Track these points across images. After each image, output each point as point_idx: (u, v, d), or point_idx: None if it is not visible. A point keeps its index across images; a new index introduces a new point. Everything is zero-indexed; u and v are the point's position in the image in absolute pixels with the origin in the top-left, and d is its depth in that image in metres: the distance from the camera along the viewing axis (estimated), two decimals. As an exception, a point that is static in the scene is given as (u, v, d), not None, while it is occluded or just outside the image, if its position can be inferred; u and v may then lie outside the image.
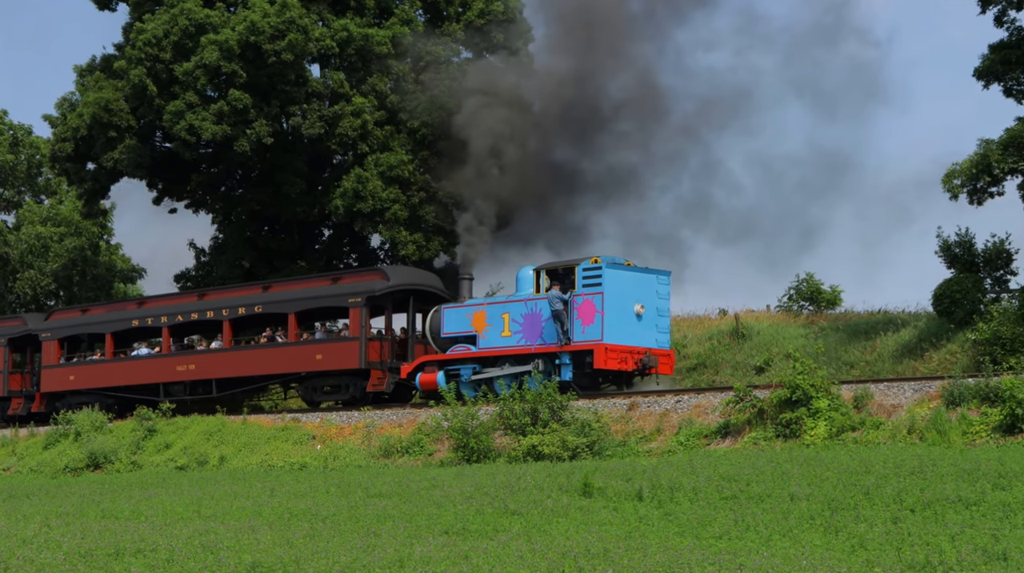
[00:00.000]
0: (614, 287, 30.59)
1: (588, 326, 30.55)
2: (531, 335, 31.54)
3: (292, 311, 37.19)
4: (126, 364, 41.56)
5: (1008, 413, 23.22)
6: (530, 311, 31.68)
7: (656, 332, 31.36)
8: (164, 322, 40.43)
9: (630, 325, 30.84)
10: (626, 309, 30.80)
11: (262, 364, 37.74)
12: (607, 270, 30.57)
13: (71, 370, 42.87)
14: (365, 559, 15.21)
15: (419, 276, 36.78)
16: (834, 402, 25.36)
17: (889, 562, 14.24)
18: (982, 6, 31.12)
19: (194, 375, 39.09)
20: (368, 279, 35.91)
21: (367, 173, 45.13)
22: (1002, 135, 30.13)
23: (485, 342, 32.42)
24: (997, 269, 32.91)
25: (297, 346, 36.87)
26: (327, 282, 37.25)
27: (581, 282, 30.78)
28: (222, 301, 39.33)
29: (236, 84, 43.97)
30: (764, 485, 19.33)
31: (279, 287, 38.65)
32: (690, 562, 14.33)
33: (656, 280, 31.46)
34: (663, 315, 31.61)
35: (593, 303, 30.49)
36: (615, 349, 30.42)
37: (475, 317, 32.80)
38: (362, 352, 34.92)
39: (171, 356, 40.13)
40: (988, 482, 18.17)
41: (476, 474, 24.04)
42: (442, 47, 46.79)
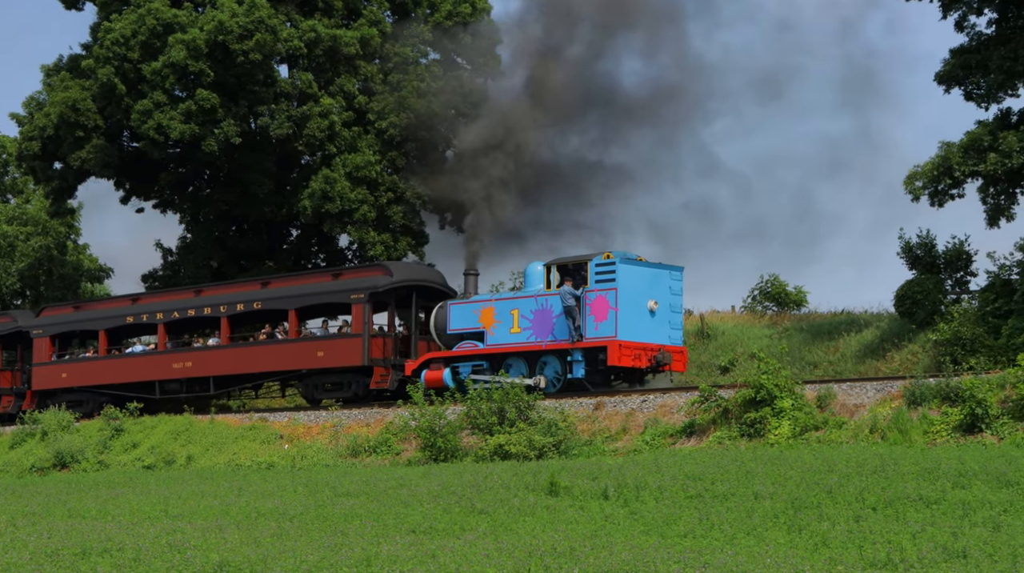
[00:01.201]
0: (628, 283, 30.06)
1: (601, 322, 29.98)
2: (541, 332, 31.00)
3: (292, 307, 36.55)
4: (120, 361, 40.80)
5: (968, 413, 23.47)
6: (540, 307, 31.15)
7: (669, 328, 30.82)
8: (160, 319, 39.61)
9: (644, 321, 30.28)
10: (639, 305, 30.28)
11: (262, 361, 37.05)
12: (621, 265, 30.02)
13: (63, 367, 41.97)
14: (332, 558, 15.23)
15: (422, 272, 36.16)
16: (798, 402, 25.55)
17: (851, 560, 14.39)
18: (943, 12, 31.49)
19: (191, 373, 38.36)
20: (371, 275, 35.28)
21: (335, 174, 45.15)
22: (962, 138, 30.48)
23: (493, 339, 31.89)
24: (957, 270, 33.31)
25: (298, 343, 36.24)
26: (328, 278, 36.60)
27: (594, 278, 30.21)
28: (220, 297, 38.60)
29: (204, 84, 43.88)
30: (729, 484, 19.46)
31: (278, 283, 38.05)
32: (655, 560, 14.42)
33: (669, 275, 30.95)
34: (676, 311, 31.09)
35: (606, 299, 29.94)
36: (629, 346, 29.90)
37: (483, 313, 32.25)
38: (365, 349, 34.25)
39: (167, 353, 39.38)
40: (948, 481, 18.38)
41: (443, 473, 24.09)
42: (410, 48, 46.90)
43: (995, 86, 30.59)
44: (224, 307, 38.14)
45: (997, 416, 23.31)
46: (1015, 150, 29.06)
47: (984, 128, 30.37)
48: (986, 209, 30.76)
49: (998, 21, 31.18)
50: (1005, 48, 30.23)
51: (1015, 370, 23.66)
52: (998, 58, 30.21)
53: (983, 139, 29.91)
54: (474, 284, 33.98)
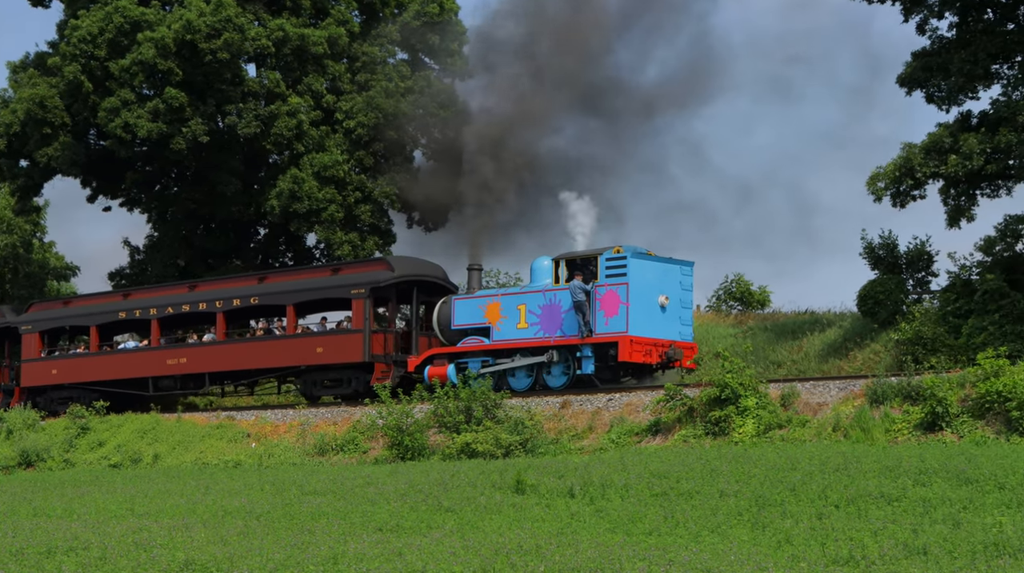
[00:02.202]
0: (639, 277, 29.56)
1: (612, 318, 29.45)
2: (550, 327, 30.43)
3: (290, 303, 35.87)
4: (112, 357, 39.99)
5: (929, 411, 23.75)
6: (548, 302, 30.57)
7: (680, 324, 30.35)
8: (153, 314, 38.81)
9: (654, 317, 29.77)
10: (650, 300, 29.76)
11: (259, 357, 36.32)
12: (632, 260, 29.51)
13: (53, 364, 41.19)
14: (299, 556, 15.24)
15: (424, 267, 35.28)
16: (762, 400, 25.75)
17: (814, 557, 14.52)
18: (905, 15, 31.78)
19: (185, 369, 37.58)
20: (372, 270, 34.68)
21: (303, 173, 45.17)
22: (924, 140, 30.78)
23: (500, 334, 31.31)
24: (919, 271, 33.61)
25: (297, 339, 35.57)
26: (327, 273, 36.11)
27: (604, 272, 29.68)
28: (215, 292, 37.92)
29: (172, 82, 43.81)
30: (693, 482, 19.58)
31: (276, 278, 37.42)
32: (621, 558, 14.51)
33: (679, 270, 30.46)
34: (686, 307, 30.63)
35: (617, 294, 29.41)
36: (640, 341, 29.34)
37: (489, 308, 31.66)
38: (366, 345, 33.59)
39: (161, 349, 38.59)
40: (909, 478, 18.55)
41: (410, 472, 24.12)
42: (378, 48, 46.98)
43: (956, 89, 30.86)
44: (220, 302, 37.30)
45: (957, 414, 23.60)
46: (975, 152, 29.35)
47: (945, 130, 30.64)
48: (947, 210, 31.00)
49: (958, 25, 31.47)
50: (965, 51, 30.54)
51: (975, 369, 23.97)
52: (959, 61, 30.49)
53: (944, 141, 30.18)
54: (478, 279, 33.53)
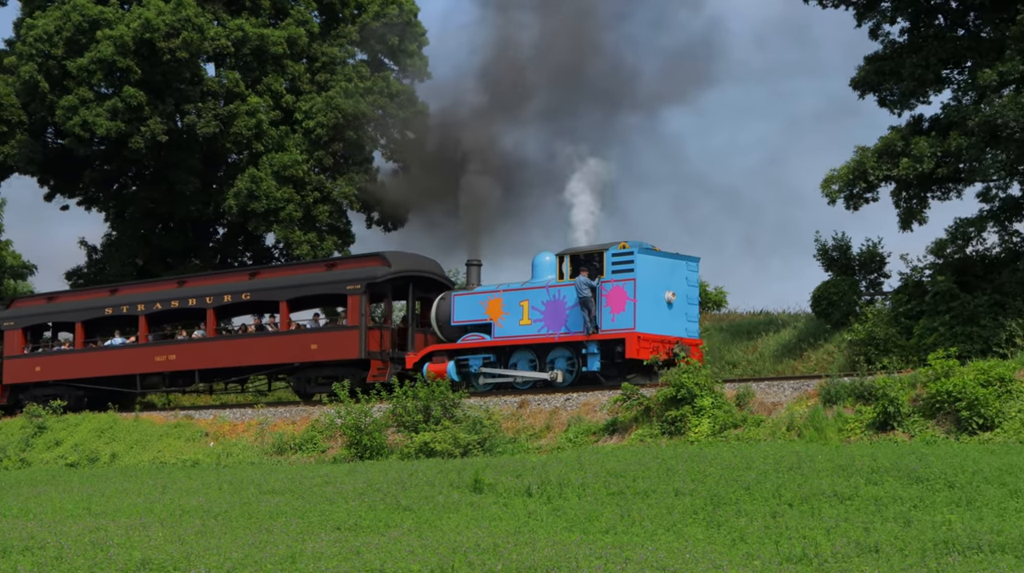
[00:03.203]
0: (646, 273, 29.19)
1: (618, 314, 29.05)
2: (554, 323, 30.02)
3: (284, 299, 35.28)
4: (98, 354, 39.26)
5: (881, 411, 24.02)
6: (552, 298, 30.14)
7: (686, 321, 30.03)
8: (141, 310, 38.05)
9: (661, 313, 29.43)
10: (657, 296, 29.37)
11: (251, 354, 35.67)
12: (639, 255, 29.14)
13: (37, 361, 40.38)
14: (257, 555, 15.20)
15: (420, 262, 34.72)
16: (717, 400, 25.97)
17: (768, 555, 14.65)
18: (858, 20, 32.17)
19: (174, 366, 36.91)
20: (368, 265, 34.09)
21: (261, 172, 45.13)
22: (876, 143, 31.16)
23: (502, 331, 30.82)
24: (871, 272, 33.98)
25: (290, 335, 35.06)
26: (322, 268, 35.53)
27: (610, 268, 29.27)
28: (205, 288, 37.22)
29: (131, 81, 43.65)
30: (650, 481, 19.69)
31: (268, 274, 36.92)
32: (577, 556, 14.56)
33: (686, 266, 30.13)
34: (692, 303, 30.34)
35: (624, 290, 29.07)
36: (647, 338, 28.98)
37: (490, 304, 31.17)
38: (362, 341, 33.06)
39: (149, 346, 37.92)
40: (862, 477, 18.75)
41: (368, 471, 24.12)
42: (337, 48, 47.02)
43: (907, 93, 31.27)
44: (210, 298, 36.64)
45: (908, 414, 23.88)
46: (926, 155, 29.72)
47: (897, 134, 31.00)
48: (899, 212, 31.37)
49: (910, 30, 31.91)
50: (917, 56, 30.95)
51: (926, 370, 24.29)
52: (910, 66, 30.89)
53: (896, 144, 30.54)
54: (477, 275, 32.87)
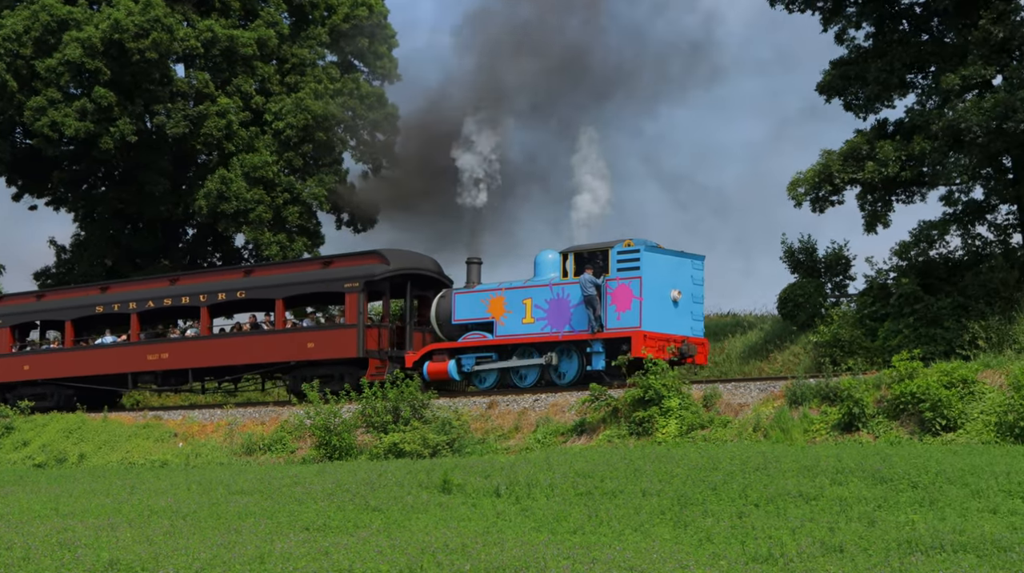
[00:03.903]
0: (652, 271, 28.89)
1: (624, 312, 28.71)
2: (557, 322, 29.67)
3: (280, 297, 34.74)
4: (89, 353, 38.65)
5: (846, 412, 24.26)
6: (556, 296, 29.77)
7: (691, 319, 29.74)
8: (133, 309, 37.45)
9: (667, 312, 29.13)
10: (663, 295, 29.13)
11: (246, 353, 35.15)
12: (645, 253, 28.84)
13: (25, 359, 39.62)
14: (225, 556, 15.23)
15: (418, 260, 34.24)
16: (684, 401, 26.14)
17: (734, 555, 14.79)
18: (824, 25, 32.46)
19: (167, 365, 36.35)
20: (366, 263, 33.57)
21: (231, 173, 45.10)
22: (842, 146, 31.43)
23: (504, 329, 30.44)
24: (837, 274, 34.25)
25: (286, 334, 34.54)
26: (318, 266, 35.06)
27: (615, 266, 28.98)
28: (199, 286, 36.71)
29: (100, 81, 43.53)
30: (617, 481, 19.81)
31: (263, 271, 36.47)
32: (545, 556, 14.66)
33: (691, 264, 29.83)
34: (698, 302, 29.99)
35: (629, 288, 28.73)
36: (653, 337, 28.67)
37: (492, 303, 30.77)
38: (360, 340, 32.61)
39: (141, 344, 37.32)
40: (827, 478, 18.91)
41: (338, 471, 24.14)
42: (307, 50, 47.04)
43: (872, 97, 31.56)
44: (204, 296, 36.09)
45: (873, 415, 24.12)
46: (891, 159, 30.00)
47: (862, 137, 31.29)
48: (864, 215, 31.67)
49: (875, 35, 32.21)
50: (882, 61, 31.25)
51: (890, 371, 24.52)
52: (875, 70, 31.19)
53: (861, 148, 30.83)
54: (477, 273, 32.22)
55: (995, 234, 31.85)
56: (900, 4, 32.14)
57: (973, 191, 31.35)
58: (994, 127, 27.94)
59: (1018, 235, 31.74)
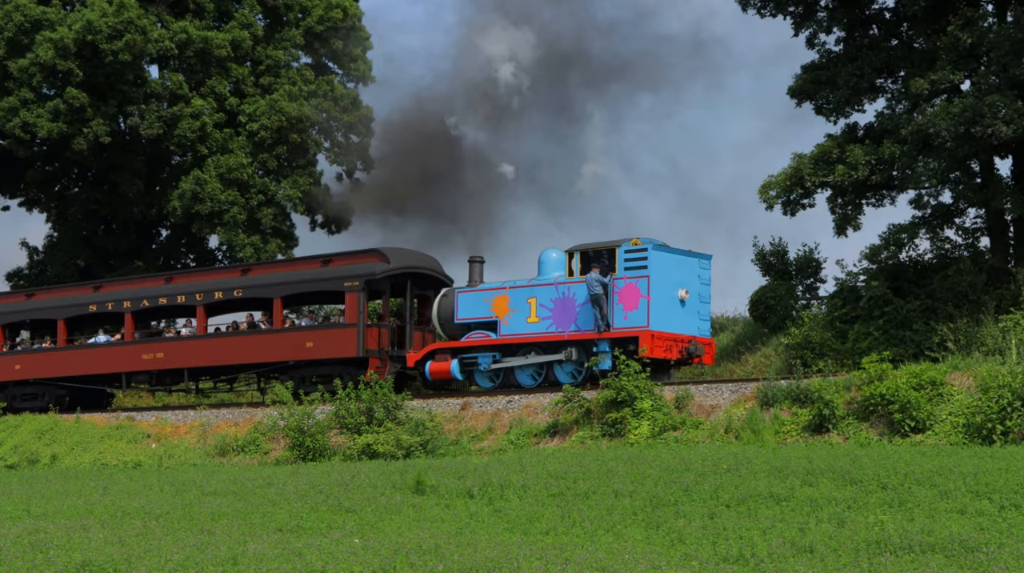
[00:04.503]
0: (659, 270, 28.65)
1: (631, 311, 28.49)
2: (563, 321, 29.37)
3: (278, 296, 34.35)
4: (82, 352, 38.18)
5: (816, 413, 24.45)
6: (562, 295, 29.48)
7: (698, 319, 29.52)
8: (127, 307, 36.99)
9: (675, 311, 28.92)
10: (670, 294, 28.86)
11: (244, 352, 34.72)
12: (653, 252, 28.59)
13: (16, 359, 39.11)
14: (198, 557, 15.26)
15: (419, 259, 33.91)
16: (657, 403, 26.30)
17: (706, 555, 14.89)
18: (795, 29, 32.68)
19: (162, 364, 35.95)
20: (367, 261, 33.20)
21: (206, 175, 45.03)
22: (813, 150, 31.66)
23: (508, 329, 30.15)
24: (808, 277, 34.48)
25: (285, 333, 34.15)
26: (317, 265, 34.44)
27: (623, 265, 28.70)
28: (195, 284, 36.32)
29: (73, 82, 43.40)
30: (590, 482, 19.93)
31: (261, 270, 36.08)
32: (518, 557, 14.73)
33: (698, 264, 29.64)
34: (705, 301, 29.75)
35: (637, 287, 28.48)
36: (661, 336, 28.49)
37: (496, 302, 30.46)
38: (360, 339, 32.28)
39: (136, 343, 36.87)
40: (797, 479, 19.04)
41: (311, 472, 24.20)
42: (282, 51, 47.03)
43: (843, 101, 31.78)
44: (200, 295, 35.68)
45: (843, 417, 24.31)
46: (861, 163, 30.22)
47: (833, 141, 31.52)
48: (834, 219, 31.89)
49: (845, 40, 32.46)
50: (852, 66, 31.47)
51: (860, 373, 24.69)
52: (846, 75, 31.40)
53: (832, 151, 31.04)
54: (480, 271, 31.92)
55: (963, 238, 32.15)
56: (870, 9, 32.38)
57: (942, 195, 31.63)
58: (962, 132, 28.19)
59: (986, 239, 32.04)
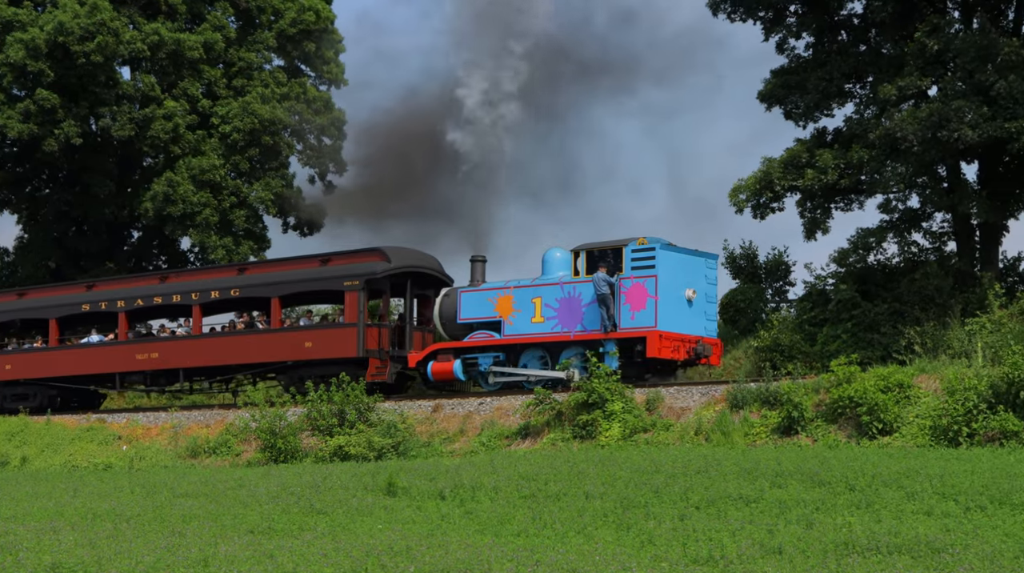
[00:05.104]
0: (667, 270, 28.35)
1: (639, 311, 28.16)
2: (568, 321, 29.05)
3: (275, 295, 33.89)
4: (74, 352, 37.64)
5: (785, 415, 24.64)
6: (567, 295, 29.15)
7: (705, 319, 29.22)
8: (121, 307, 36.48)
9: (682, 311, 28.59)
10: (678, 294, 28.58)
11: (241, 352, 34.20)
12: (661, 251, 28.30)
13: (7, 359, 38.58)
14: (169, 559, 15.27)
15: (419, 258, 33.46)
16: (628, 405, 26.42)
17: (675, 557, 15.01)
18: (765, 34, 32.92)
19: (157, 364, 35.46)
20: (367, 260, 32.77)
21: (178, 176, 44.95)
22: (782, 154, 31.89)
23: (512, 329, 29.80)
24: (777, 280, 34.72)
25: (283, 333, 33.70)
26: (315, 264, 33.95)
27: (630, 264, 28.41)
28: (191, 284, 35.88)
29: (44, 83, 43.26)
30: (561, 484, 20.00)
31: (257, 269, 35.72)
32: (489, 559, 14.82)
33: (705, 263, 29.35)
34: (711, 301, 29.52)
35: (644, 287, 28.17)
36: (669, 337, 28.19)
37: (500, 301, 30.11)
38: (360, 339, 31.90)
39: (130, 343, 36.42)
40: (766, 481, 19.18)
41: (283, 474, 24.20)
42: (254, 54, 47.01)
43: (812, 106, 32.04)
44: (196, 294, 35.21)
45: (812, 419, 24.48)
46: (830, 167, 30.47)
47: (802, 145, 31.77)
48: (804, 222, 32.14)
49: (815, 45, 32.74)
50: (821, 71, 31.75)
51: (828, 376, 24.87)
52: (815, 80, 31.67)
53: (801, 156, 31.29)
54: (482, 271, 31.51)
55: (930, 242, 32.49)
56: (839, 15, 32.66)
57: (909, 199, 31.93)
58: (929, 136, 28.49)
59: (952, 243, 32.37)
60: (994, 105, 28.25)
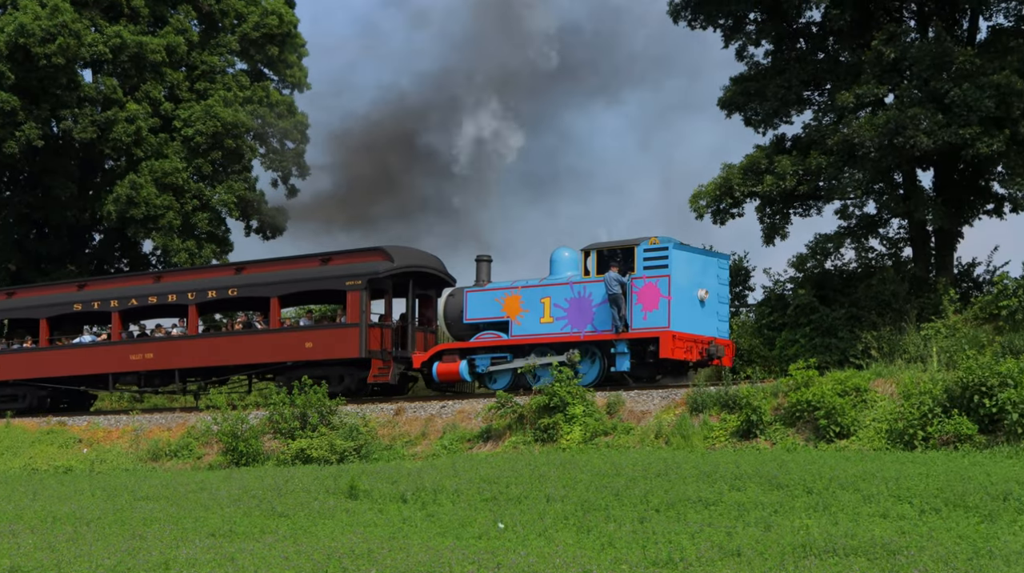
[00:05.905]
0: (680, 270, 28.01)
1: (651, 312, 27.81)
2: (578, 321, 28.66)
3: (274, 295, 33.40)
4: (66, 352, 36.97)
5: (744, 419, 24.80)
6: (577, 295, 28.78)
7: (717, 320, 28.93)
8: (114, 306, 35.91)
9: (694, 311, 28.29)
10: (690, 294, 28.27)
11: (239, 352, 33.67)
12: (674, 251, 27.95)
13: None
14: (130, 562, 15.29)
15: (422, 257, 33.10)
16: (589, 408, 26.54)
17: (635, 559, 15.11)
18: (725, 41, 33.19)
19: (152, 365, 34.88)
20: (369, 260, 32.35)
21: (141, 179, 44.81)
22: (742, 160, 32.15)
23: (520, 329, 29.44)
24: (737, 285, 34.99)
25: (283, 333, 33.31)
26: (316, 263, 33.44)
27: (642, 264, 28.04)
28: (187, 283, 35.32)
29: (4, 85, 43.05)
30: (522, 487, 20.09)
31: (256, 269, 34.86)
32: (451, 561, 14.90)
33: (717, 263, 29.13)
34: (723, 302, 29.22)
35: (657, 287, 27.80)
36: (682, 337, 27.86)
37: (507, 301, 29.75)
38: (363, 339, 31.47)
39: (124, 343, 35.81)
40: (725, 484, 19.32)
41: (244, 477, 24.17)
42: (217, 57, 46.93)
43: (771, 113, 32.30)
44: (192, 294, 34.63)
45: (770, 422, 24.66)
46: (788, 173, 30.75)
47: (761, 152, 32.00)
48: (763, 228, 32.39)
49: (774, 53, 33.03)
50: (780, 78, 32.01)
51: (787, 380, 25.07)
52: (774, 87, 31.93)
53: (760, 162, 31.53)
54: (487, 271, 31.13)
55: (887, 247, 32.83)
56: (797, 23, 32.94)
57: (866, 206, 32.27)
58: (886, 143, 28.83)
59: (908, 249, 32.73)
60: (949, 112, 28.61)
